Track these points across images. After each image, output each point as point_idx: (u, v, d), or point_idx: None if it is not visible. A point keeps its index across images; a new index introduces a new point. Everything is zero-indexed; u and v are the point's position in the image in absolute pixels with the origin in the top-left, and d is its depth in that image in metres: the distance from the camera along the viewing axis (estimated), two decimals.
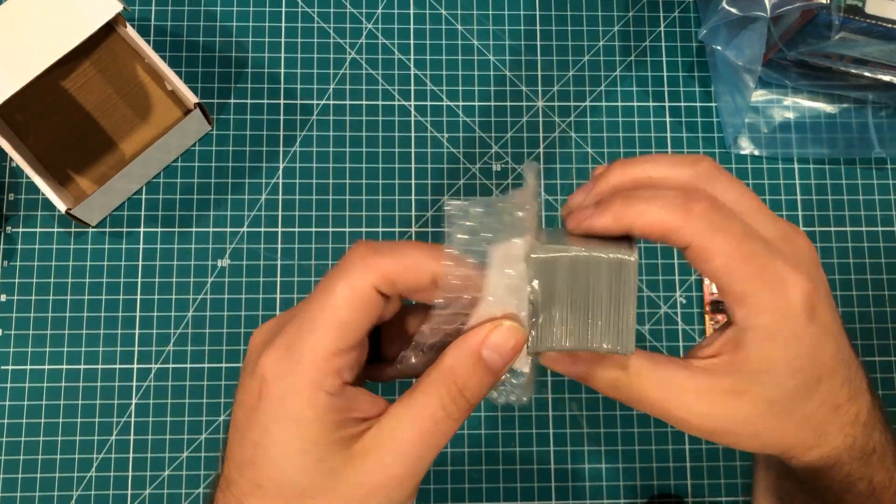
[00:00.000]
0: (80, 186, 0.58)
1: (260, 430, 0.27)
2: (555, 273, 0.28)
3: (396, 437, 0.27)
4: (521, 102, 0.61)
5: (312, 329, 0.27)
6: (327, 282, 0.28)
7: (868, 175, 0.61)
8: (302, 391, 0.27)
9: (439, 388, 0.28)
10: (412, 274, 0.28)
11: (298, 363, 0.27)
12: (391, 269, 0.27)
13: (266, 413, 0.27)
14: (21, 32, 0.51)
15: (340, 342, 0.27)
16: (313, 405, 0.27)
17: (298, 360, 0.27)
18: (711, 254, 0.28)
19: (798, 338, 0.29)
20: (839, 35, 0.55)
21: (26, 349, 0.56)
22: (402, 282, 0.28)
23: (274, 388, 0.27)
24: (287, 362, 0.27)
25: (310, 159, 0.60)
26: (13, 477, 0.54)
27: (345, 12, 0.62)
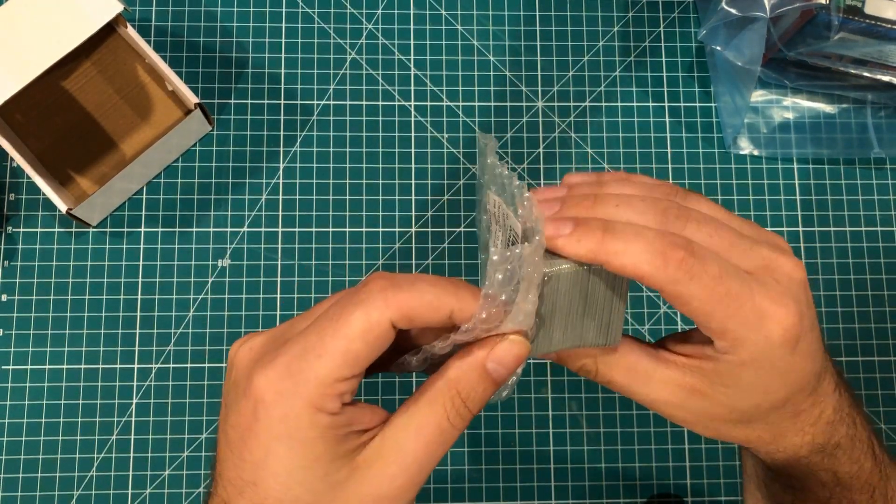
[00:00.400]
0: (80, 186, 0.58)
1: (260, 451, 0.27)
2: (559, 283, 0.29)
3: (401, 447, 0.27)
4: (521, 103, 0.61)
5: (321, 354, 0.27)
6: (341, 309, 0.27)
7: (867, 175, 0.62)
8: (303, 413, 0.27)
9: (444, 399, 0.28)
10: (431, 312, 0.27)
11: (301, 386, 0.27)
12: (411, 306, 0.27)
13: (265, 433, 0.27)
14: (22, 33, 0.51)
15: (347, 370, 0.27)
16: (315, 425, 0.27)
17: (302, 384, 0.27)
18: (687, 298, 0.28)
19: (775, 368, 0.29)
20: (838, 35, 0.55)
21: (27, 349, 0.56)
22: (420, 318, 0.27)
23: (273, 409, 0.27)
24: (287, 383, 0.27)
25: (310, 159, 0.60)
26: (14, 476, 0.55)
27: (345, 13, 0.62)
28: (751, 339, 0.28)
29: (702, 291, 0.28)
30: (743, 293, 0.28)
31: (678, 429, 0.57)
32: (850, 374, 0.58)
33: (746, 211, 0.60)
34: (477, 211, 0.32)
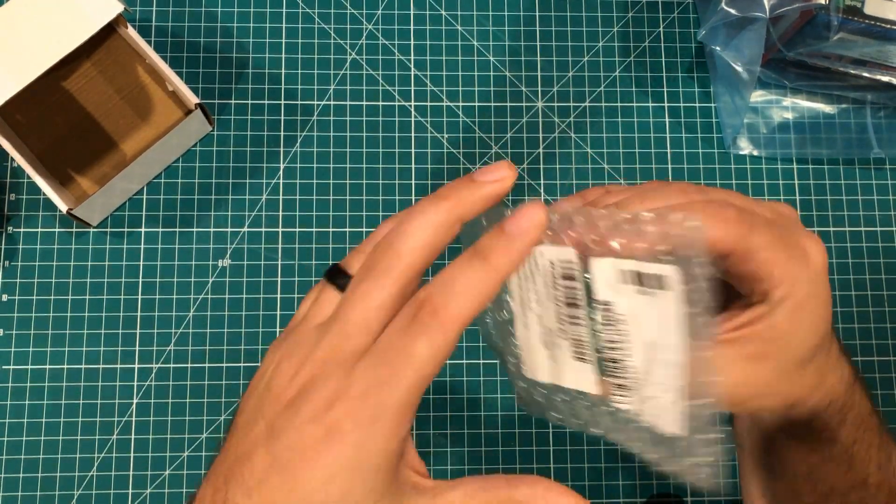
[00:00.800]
0: (81, 187, 0.58)
1: (321, 477, 0.26)
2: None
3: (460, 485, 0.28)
4: (520, 103, 0.61)
5: (397, 385, 0.26)
6: (405, 339, 0.26)
7: (867, 175, 0.62)
8: (379, 441, 0.26)
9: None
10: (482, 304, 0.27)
11: (381, 415, 0.26)
12: (464, 323, 0.27)
13: (334, 460, 0.26)
14: (22, 33, 0.51)
15: (419, 395, 0.27)
16: (389, 452, 0.26)
17: (381, 413, 0.26)
18: (755, 250, 0.29)
19: (822, 299, 0.32)
20: (838, 35, 0.55)
21: (27, 349, 0.56)
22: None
23: (350, 436, 0.26)
24: (369, 411, 0.26)
25: (310, 159, 0.60)
26: (14, 476, 0.55)
27: (345, 13, 0.62)
28: (804, 275, 0.30)
29: (764, 239, 0.29)
30: (786, 235, 0.30)
31: None
32: None
33: None
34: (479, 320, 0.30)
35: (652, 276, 0.24)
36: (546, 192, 0.60)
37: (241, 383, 0.56)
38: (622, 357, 0.26)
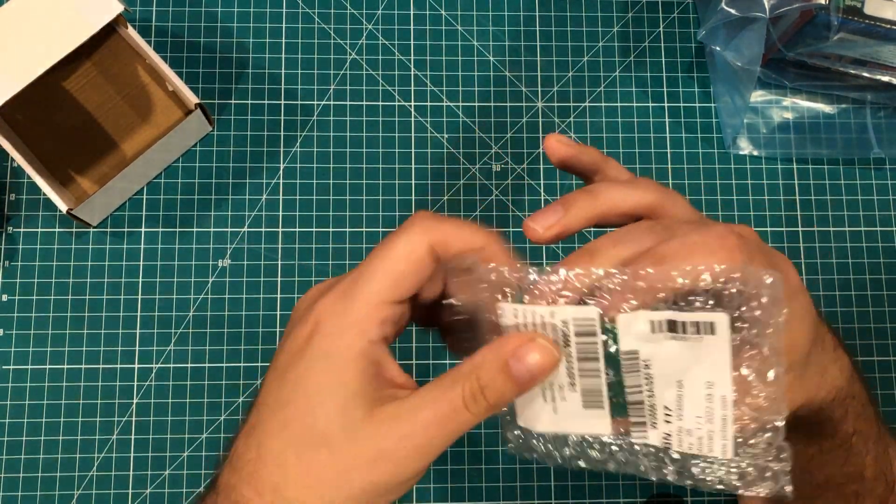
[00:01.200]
0: (81, 187, 0.58)
1: (304, 367, 0.29)
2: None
3: (416, 413, 0.28)
4: (520, 103, 0.61)
5: (370, 278, 0.29)
6: (388, 239, 0.30)
7: (866, 175, 0.62)
8: (349, 330, 0.29)
9: (464, 379, 0.28)
10: (463, 243, 0.30)
11: (352, 304, 0.29)
12: (446, 233, 0.30)
13: (313, 350, 0.29)
14: (22, 33, 0.51)
15: (391, 293, 0.29)
16: (354, 347, 0.29)
17: (352, 302, 0.29)
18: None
19: (805, 308, 0.32)
20: (838, 36, 0.55)
21: (28, 349, 0.56)
22: (454, 247, 0.30)
23: (325, 325, 0.29)
24: (341, 304, 0.29)
25: (310, 160, 0.60)
26: (15, 476, 0.55)
27: (345, 13, 0.62)
28: (789, 293, 0.30)
29: (760, 265, 0.29)
30: (767, 256, 0.30)
31: None
32: None
33: (746, 211, 0.60)
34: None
35: (695, 324, 0.26)
36: (546, 192, 0.60)
37: (241, 383, 0.56)
38: (647, 399, 0.27)
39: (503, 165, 0.60)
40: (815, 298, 0.59)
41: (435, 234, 0.30)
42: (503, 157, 0.61)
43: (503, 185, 0.60)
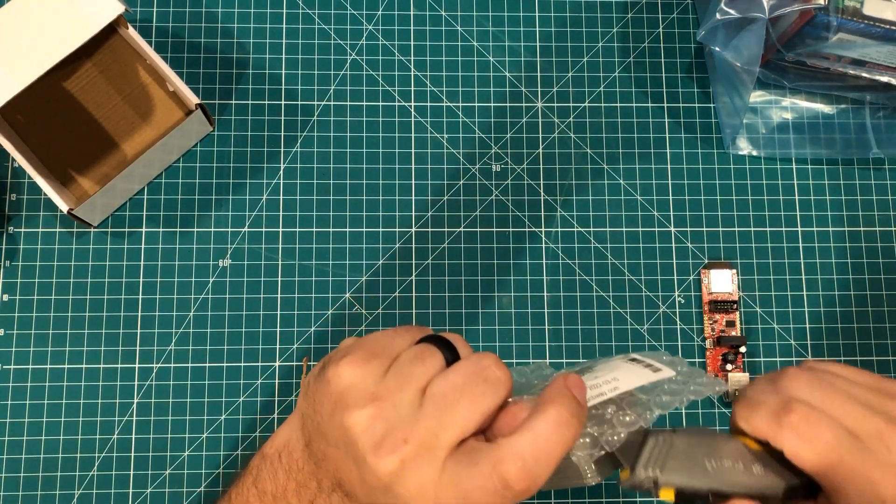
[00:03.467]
0: (81, 187, 0.58)
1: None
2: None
3: (533, 426, 0.32)
4: (520, 103, 0.62)
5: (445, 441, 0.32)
6: (459, 397, 0.32)
7: (866, 175, 0.62)
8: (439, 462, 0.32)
9: (559, 400, 0.32)
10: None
11: (436, 454, 0.32)
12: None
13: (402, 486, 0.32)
14: (23, 34, 0.51)
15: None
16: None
17: (435, 452, 0.32)
18: (801, 458, 0.32)
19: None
20: (837, 36, 0.55)
21: (28, 349, 0.56)
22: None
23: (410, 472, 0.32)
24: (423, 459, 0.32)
25: (310, 160, 0.60)
26: (15, 476, 0.55)
27: (345, 13, 0.62)
28: (863, 500, 0.32)
29: (813, 455, 0.32)
30: (854, 460, 0.32)
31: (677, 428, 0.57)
32: None
33: (745, 211, 0.60)
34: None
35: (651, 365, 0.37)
36: (546, 192, 0.60)
37: (242, 383, 0.56)
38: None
39: (503, 165, 0.60)
40: (814, 299, 0.59)
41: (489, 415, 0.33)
42: (503, 158, 0.61)
43: (503, 185, 0.60)
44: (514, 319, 0.58)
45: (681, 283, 0.59)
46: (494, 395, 0.33)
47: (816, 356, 0.59)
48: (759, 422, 0.33)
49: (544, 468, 0.31)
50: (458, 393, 0.32)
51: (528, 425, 0.32)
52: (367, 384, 0.33)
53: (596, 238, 0.60)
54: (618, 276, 0.59)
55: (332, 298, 0.58)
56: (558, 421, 0.31)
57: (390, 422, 0.32)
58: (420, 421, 0.32)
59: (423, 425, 0.31)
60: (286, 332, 0.57)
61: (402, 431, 0.31)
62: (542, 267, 0.59)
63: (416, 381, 0.33)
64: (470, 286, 0.59)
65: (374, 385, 0.33)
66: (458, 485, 0.31)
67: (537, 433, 0.31)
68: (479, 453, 0.31)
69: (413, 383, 0.33)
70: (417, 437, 0.31)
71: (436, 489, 0.31)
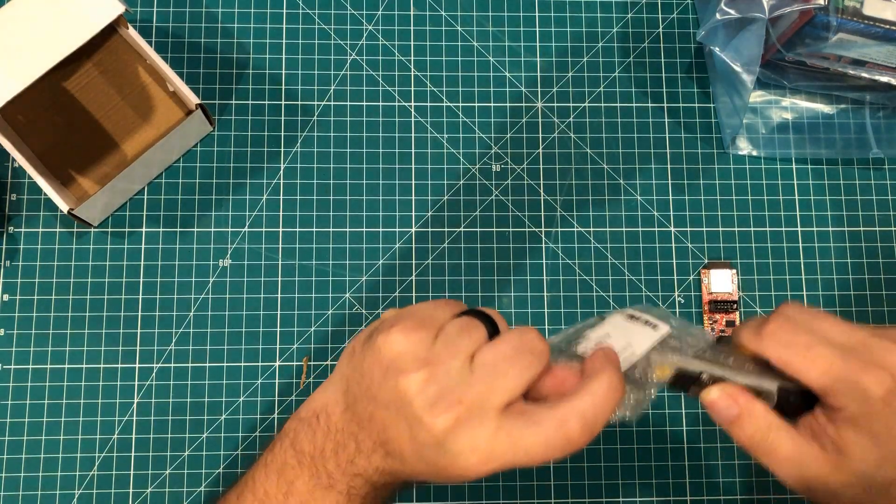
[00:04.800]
0: (82, 187, 0.58)
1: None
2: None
3: (592, 390, 0.35)
4: (520, 103, 0.62)
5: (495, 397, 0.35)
6: (509, 365, 0.36)
7: (865, 175, 0.62)
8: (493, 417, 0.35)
9: (608, 368, 0.36)
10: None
11: (485, 411, 0.35)
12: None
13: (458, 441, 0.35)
14: (23, 34, 0.51)
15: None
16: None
17: (487, 413, 0.35)
18: (786, 364, 0.36)
19: (878, 424, 0.35)
20: (837, 36, 0.55)
21: (28, 349, 0.56)
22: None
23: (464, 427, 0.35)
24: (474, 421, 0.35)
25: (310, 160, 0.60)
26: (15, 475, 0.55)
27: (345, 14, 0.62)
28: (851, 396, 0.35)
29: (796, 359, 0.35)
30: (838, 364, 0.35)
31: (677, 427, 0.57)
32: None
33: (745, 211, 0.60)
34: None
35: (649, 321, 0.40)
36: (546, 192, 0.60)
37: (242, 383, 0.56)
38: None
39: (503, 165, 0.61)
40: (814, 299, 0.59)
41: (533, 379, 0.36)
42: (503, 158, 0.61)
43: (503, 185, 0.60)
44: (514, 319, 0.58)
45: (681, 283, 0.59)
46: (538, 364, 0.36)
47: None
48: (744, 336, 0.37)
49: (601, 425, 0.35)
50: (507, 363, 0.35)
51: (588, 389, 0.35)
52: (418, 351, 0.36)
53: (596, 238, 0.60)
54: (618, 276, 0.59)
55: (332, 298, 0.58)
56: (610, 385, 0.35)
57: (443, 385, 0.35)
58: (472, 385, 0.35)
59: (475, 389, 0.35)
60: (286, 332, 0.57)
61: (455, 393, 0.35)
62: (542, 267, 0.59)
63: (465, 350, 0.36)
64: (470, 286, 0.59)
65: (425, 352, 0.36)
66: (515, 441, 0.34)
67: (596, 396, 0.35)
68: (539, 414, 0.35)
69: (462, 352, 0.36)
70: (470, 398, 0.34)
71: (489, 444, 0.34)
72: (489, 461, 0.35)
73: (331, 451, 0.37)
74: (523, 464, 0.35)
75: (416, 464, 0.36)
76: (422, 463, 0.36)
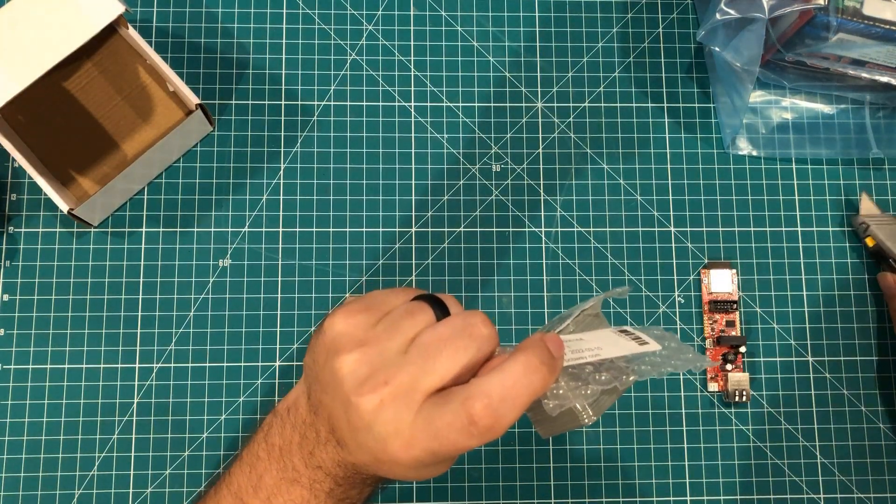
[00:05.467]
0: (82, 187, 0.58)
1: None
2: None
3: (503, 368, 0.33)
4: (520, 103, 0.62)
5: (426, 377, 0.34)
6: (434, 349, 0.34)
7: (866, 175, 0.62)
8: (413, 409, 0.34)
9: (531, 348, 0.34)
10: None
11: (411, 399, 0.34)
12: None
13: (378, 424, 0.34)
14: (23, 34, 0.51)
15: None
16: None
17: (413, 396, 0.34)
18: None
19: None
20: (837, 36, 0.55)
21: (28, 349, 0.56)
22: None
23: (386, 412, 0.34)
24: (400, 403, 0.34)
25: (310, 160, 0.60)
26: (15, 475, 0.55)
27: (345, 14, 0.62)
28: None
29: None
30: None
31: (677, 428, 0.57)
32: (849, 374, 0.58)
33: (745, 211, 0.60)
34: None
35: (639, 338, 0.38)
36: (545, 191, 0.60)
37: (242, 383, 0.56)
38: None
39: (503, 165, 0.61)
40: (814, 299, 0.59)
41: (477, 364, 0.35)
42: (503, 158, 0.61)
43: (503, 185, 0.60)
44: (514, 319, 0.58)
45: (681, 283, 0.59)
46: (477, 350, 0.34)
47: (816, 356, 0.59)
48: None
49: (509, 408, 0.33)
50: (442, 344, 0.34)
51: (499, 367, 0.33)
52: (357, 332, 0.35)
53: (596, 238, 0.60)
54: (618, 276, 0.59)
55: (332, 298, 0.58)
56: (527, 365, 0.33)
57: (374, 365, 0.34)
58: (402, 367, 0.33)
59: (404, 370, 0.33)
60: (286, 332, 0.57)
61: (384, 374, 0.33)
62: (542, 267, 0.59)
63: (405, 333, 0.35)
64: (470, 286, 0.59)
65: (363, 333, 0.35)
66: (430, 423, 0.33)
67: (506, 374, 0.33)
68: (451, 394, 0.33)
69: (401, 334, 0.35)
70: (398, 380, 0.33)
71: (411, 429, 0.33)
72: (410, 446, 0.33)
73: (297, 444, 0.37)
74: (442, 451, 0.33)
75: (357, 451, 0.35)
76: (360, 450, 0.35)
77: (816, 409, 0.58)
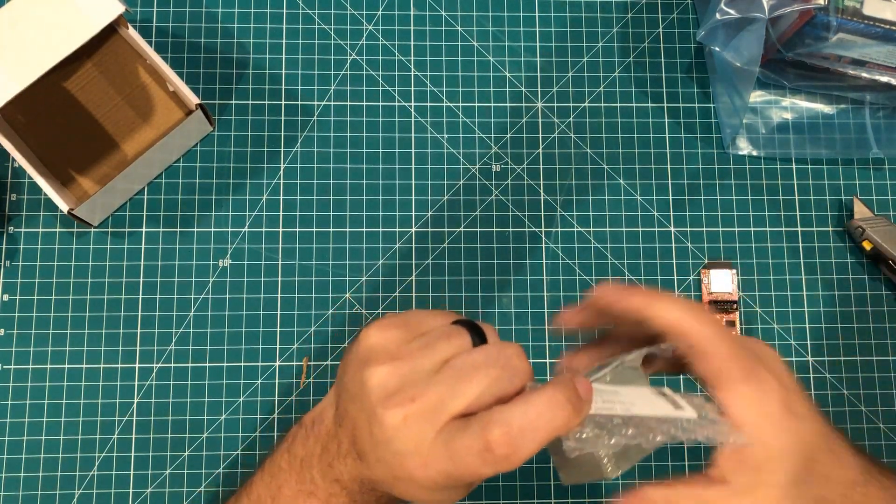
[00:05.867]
0: (82, 187, 0.58)
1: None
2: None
3: (527, 399, 0.33)
4: (520, 103, 0.62)
5: (451, 403, 0.34)
6: (464, 374, 0.34)
7: (865, 175, 0.62)
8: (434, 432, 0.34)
9: (559, 385, 0.33)
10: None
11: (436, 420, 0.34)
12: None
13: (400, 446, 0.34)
14: (24, 34, 0.51)
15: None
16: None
17: (438, 416, 0.34)
18: (711, 356, 0.36)
19: (784, 428, 0.35)
20: (837, 36, 0.55)
21: (28, 349, 0.56)
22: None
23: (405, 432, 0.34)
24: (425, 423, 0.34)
25: (310, 160, 0.60)
26: (16, 475, 0.55)
27: (345, 14, 0.62)
28: (757, 400, 0.37)
29: (724, 350, 0.36)
30: (750, 362, 0.37)
31: None
32: (849, 374, 0.58)
33: (745, 211, 0.60)
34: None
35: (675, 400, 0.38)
36: (546, 192, 0.60)
37: (242, 383, 0.56)
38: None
39: (503, 165, 0.61)
40: (814, 299, 0.59)
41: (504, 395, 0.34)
42: (503, 158, 0.61)
43: (503, 185, 0.60)
44: (514, 319, 0.58)
45: (681, 283, 0.59)
46: (508, 381, 0.34)
47: (816, 356, 0.59)
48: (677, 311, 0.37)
49: (528, 440, 0.32)
50: (474, 370, 0.34)
51: (523, 398, 0.33)
52: (390, 346, 0.35)
53: (596, 238, 0.60)
54: (618, 276, 0.59)
55: (333, 298, 0.58)
56: (552, 400, 0.33)
57: (404, 380, 0.34)
58: (431, 386, 0.33)
59: (433, 390, 0.33)
60: (286, 332, 0.57)
61: (412, 391, 0.33)
62: (542, 267, 0.59)
63: (439, 354, 0.35)
64: (470, 286, 0.59)
65: (396, 348, 0.35)
66: (448, 444, 0.33)
67: (529, 406, 0.32)
68: (473, 419, 0.33)
69: (435, 354, 0.34)
70: (425, 398, 0.33)
71: (430, 448, 0.33)
72: (427, 466, 0.33)
73: (318, 456, 0.37)
74: (457, 474, 0.33)
75: (375, 465, 0.35)
76: (379, 465, 0.35)
77: None
